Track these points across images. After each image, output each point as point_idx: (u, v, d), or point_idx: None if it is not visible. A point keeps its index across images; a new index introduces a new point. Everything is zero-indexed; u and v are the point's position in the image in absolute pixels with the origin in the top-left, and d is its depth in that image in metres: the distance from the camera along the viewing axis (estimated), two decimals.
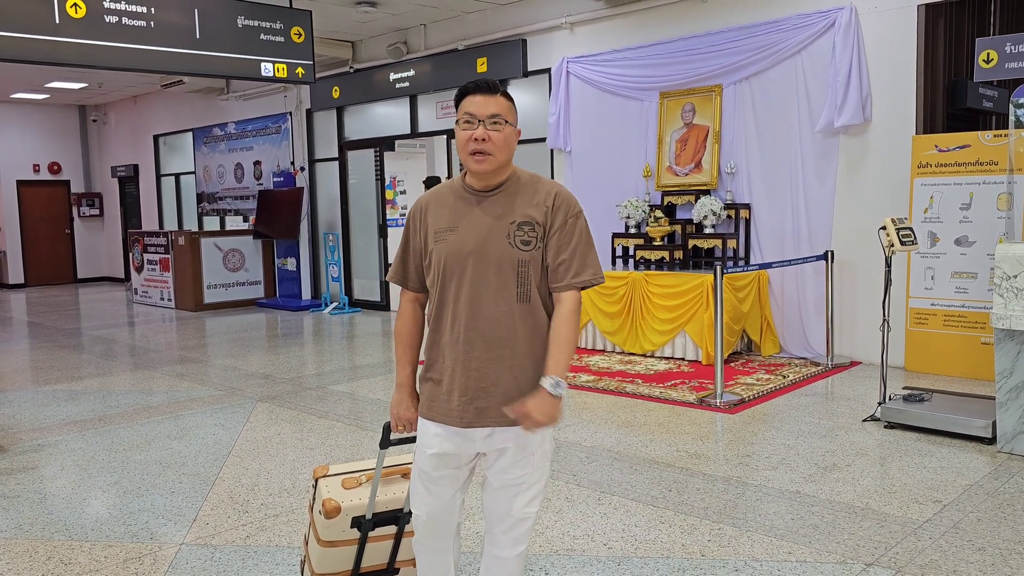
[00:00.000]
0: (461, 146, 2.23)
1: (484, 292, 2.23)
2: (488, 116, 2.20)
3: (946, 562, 3.28)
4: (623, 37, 8.43)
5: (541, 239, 2.25)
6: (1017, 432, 4.51)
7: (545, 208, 2.26)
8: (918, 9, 6.58)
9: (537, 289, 2.26)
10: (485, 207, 2.27)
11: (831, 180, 7.08)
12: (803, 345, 7.32)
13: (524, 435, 2.25)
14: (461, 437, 2.29)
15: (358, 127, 11.79)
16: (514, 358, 2.24)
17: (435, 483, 2.35)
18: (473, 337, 2.24)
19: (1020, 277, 4.39)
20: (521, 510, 2.33)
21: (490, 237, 2.23)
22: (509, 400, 2.23)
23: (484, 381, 2.25)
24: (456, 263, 2.24)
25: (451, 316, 2.27)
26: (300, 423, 5.62)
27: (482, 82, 2.25)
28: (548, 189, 2.30)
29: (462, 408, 2.26)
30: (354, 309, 11.58)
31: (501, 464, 2.31)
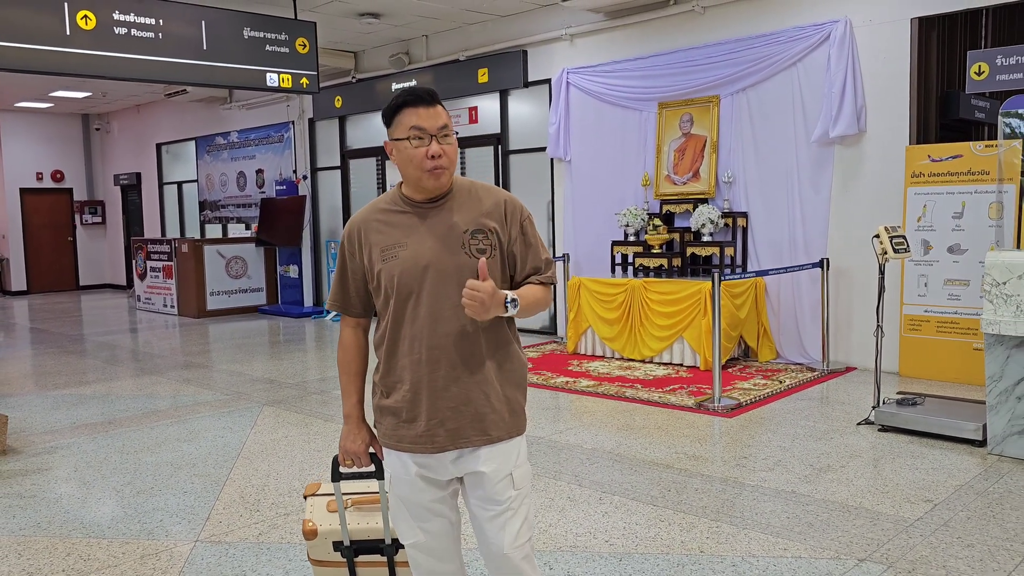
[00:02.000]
0: (415, 163, 2.10)
1: (445, 306, 2.11)
2: (438, 129, 2.10)
3: (936, 558, 3.40)
4: (622, 49, 8.58)
5: (496, 247, 2.17)
6: (1007, 434, 4.64)
7: (499, 216, 2.18)
8: (911, 22, 6.73)
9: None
10: (431, 219, 2.16)
11: (826, 189, 7.22)
12: (799, 351, 7.45)
13: (496, 455, 2.16)
14: (431, 461, 2.16)
15: (360, 136, 11.93)
16: (484, 373, 2.14)
17: (422, 507, 2.21)
18: (437, 355, 2.12)
19: (1009, 284, 4.52)
20: (512, 544, 2.17)
21: (445, 249, 2.13)
22: (482, 418, 2.14)
23: (453, 401, 2.13)
24: (411, 279, 2.12)
25: (409, 336, 2.13)
26: (306, 426, 5.74)
27: (423, 92, 2.12)
28: (495, 197, 2.21)
29: (431, 432, 2.13)
30: None
31: (484, 491, 2.17)
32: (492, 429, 2.16)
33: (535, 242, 2.25)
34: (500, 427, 2.17)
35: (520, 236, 2.21)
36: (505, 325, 2.20)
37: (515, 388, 2.22)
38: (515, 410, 2.22)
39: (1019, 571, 3.26)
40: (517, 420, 2.22)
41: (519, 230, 2.21)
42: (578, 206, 9.02)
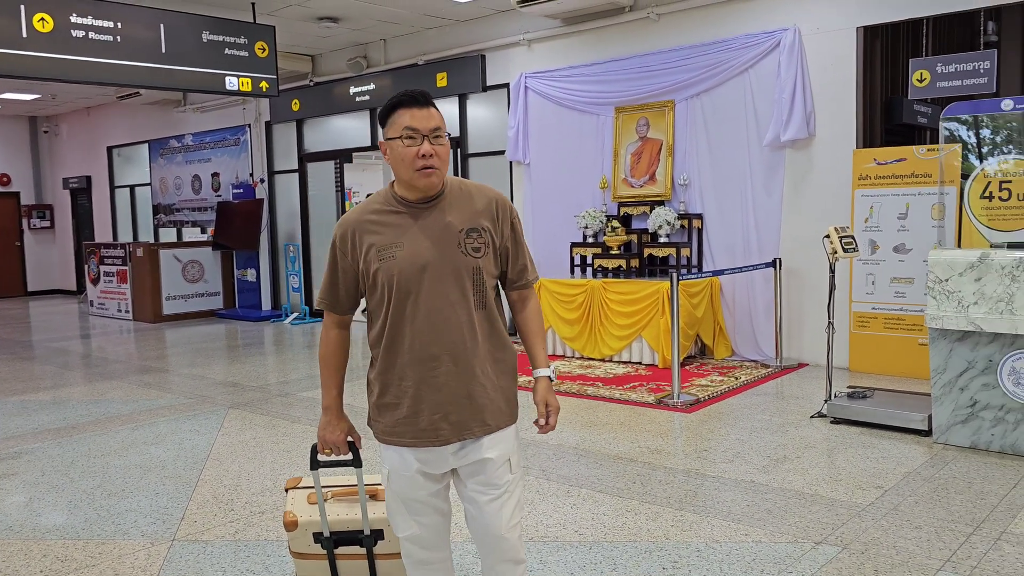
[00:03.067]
0: (406, 162, 2.15)
1: (443, 304, 2.18)
2: (431, 130, 2.15)
3: (887, 539, 3.60)
4: (579, 54, 8.76)
5: (489, 244, 2.24)
6: (951, 424, 4.89)
7: (492, 215, 2.27)
8: (857, 31, 7.01)
9: (491, 291, 2.28)
10: (426, 219, 2.21)
11: (778, 191, 7.47)
12: (754, 348, 7.69)
13: (498, 441, 2.27)
14: (433, 455, 2.24)
15: (318, 139, 11.93)
16: (481, 366, 2.23)
17: (419, 501, 2.29)
18: (438, 352, 2.18)
19: (951, 280, 4.77)
20: (509, 523, 2.28)
21: (442, 248, 2.19)
22: (482, 409, 2.24)
23: (455, 395, 2.20)
24: (410, 279, 2.17)
25: (410, 334, 2.19)
26: (274, 428, 5.78)
27: (417, 94, 2.18)
28: (487, 195, 2.30)
29: (433, 426, 2.21)
30: (315, 319, 11.68)
31: (484, 477, 2.26)
32: (491, 419, 2.27)
33: (522, 240, 2.38)
34: (499, 416, 2.29)
35: (512, 234, 2.32)
36: (497, 316, 2.31)
37: (509, 378, 2.35)
38: (509, 399, 2.34)
39: (963, 550, 3.47)
40: (511, 408, 2.35)
41: (510, 228, 2.31)
42: (537, 208, 9.17)
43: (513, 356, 2.38)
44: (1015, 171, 6.18)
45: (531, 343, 2.40)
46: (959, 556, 3.41)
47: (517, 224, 2.35)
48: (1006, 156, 6.22)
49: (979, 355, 4.74)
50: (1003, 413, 4.71)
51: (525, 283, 2.39)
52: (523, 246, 2.37)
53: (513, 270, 2.35)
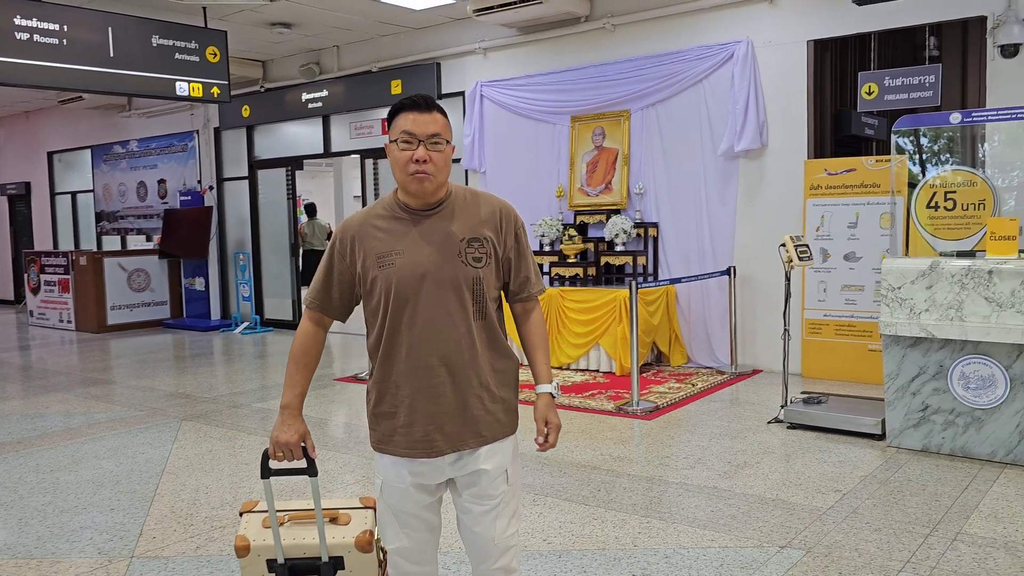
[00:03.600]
0: (400, 166, 2.14)
1: (441, 314, 2.16)
2: (428, 136, 2.13)
3: (848, 542, 3.67)
4: (536, 63, 8.80)
5: (491, 255, 2.22)
6: (904, 427, 5.02)
7: (495, 225, 2.24)
8: (807, 44, 7.18)
9: (492, 303, 2.25)
10: (428, 226, 2.19)
11: (732, 200, 7.60)
12: (709, 355, 7.79)
13: (495, 453, 2.24)
14: (428, 467, 2.22)
15: (269, 146, 11.77)
16: (479, 377, 2.21)
17: (411, 514, 2.26)
18: (435, 362, 2.16)
19: (903, 288, 4.90)
20: (503, 534, 2.26)
21: (442, 257, 2.16)
22: (476, 421, 2.21)
23: (450, 406, 2.18)
24: (408, 286, 2.15)
25: (407, 343, 2.17)
26: (231, 440, 5.66)
27: (419, 99, 2.16)
28: (492, 205, 2.27)
29: (428, 437, 2.19)
30: (266, 328, 11.51)
31: (480, 488, 2.24)
32: (487, 431, 2.23)
33: (527, 251, 2.33)
34: (495, 428, 2.25)
35: (515, 244, 2.29)
36: (497, 326, 2.27)
37: (508, 388, 2.30)
38: (509, 409, 2.30)
39: (922, 551, 3.56)
40: (511, 419, 2.31)
41: (514, 239, 2.28)
42: None
43: (515, 367, 2.34)
44: (959, 182, 6.38)
45: (533, 357, 2.35)
46: (918, 557, 3.50)
47: (522, 235, 2.31)
48: (951, 167, 6.42)
49: (930, 361, 4.88)
50: (953, 417, 4.85)
51: (528, 295, 2.34)
52: (527, 258, 2.32)
53: (515, 282, 2.32)
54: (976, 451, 4.80)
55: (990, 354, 4.69)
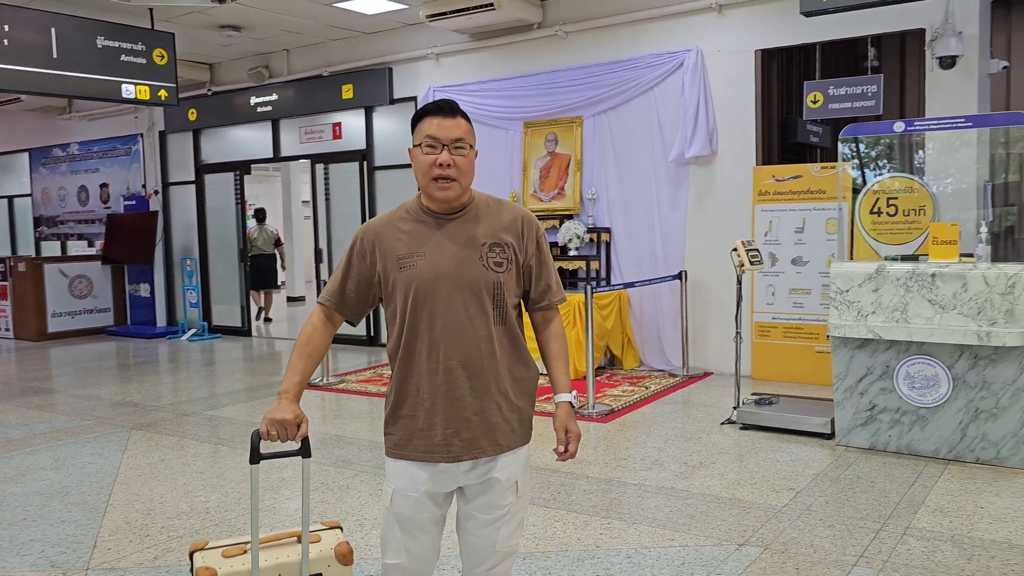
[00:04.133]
0: (423, 170, 2.15)
1: (462, 317, 2.16)
2: (452, 140, 2.13)
3: (804, 538, 3.77)
4: (488, 69, 8.83)
5: (512, 261, 2.22)
6: (852, 426, 5.16)
7: (516, 232, 2.24)
8: (755, 53, 7.35)
9: (513, 309, 2.24)
10: (450, 230, 2.19)
11: (683, 206, 7.73)
12: (661, 358, 7.90)
13: (509, 464, 2.24)
14: (444, 474, 2.20)
15: (216, 150, 11.58)
16: (497, 383, 2.20)
17: (418, 527, 2.24)
18: (454, 365, 2.16)
19: (851, 291, 5.05)
20: (505, 543, 2.26)
21: (463, 260, 2.17)
22: (493, 428, 2.20)
23: (468, 411, 2.17)
24: (429, 288, 2.15)
25: (427, 345, 2.16)
26: (183, 448, 5.56)
27: (443, 103, 2.18)
28: (514, 212, 2.28)
29: (447, 441, 2.17)
30: (214, 335, 11.31)
31: (488, 497, 2.23)
32: (503, 439, 2.22)
33: (548, 259, 2.33)
34: (510, 437, 2.24)
35: (536, 252, 2.28)
36: (519, 334, 2.26)
37: (526, 398, 2.29)
38: (524, 420, 2.28)
39: (874, 545, 3.67)
40: (525, 430, 2.29)
41: (535, 247, 2.28)
42: None
43: (535, 377, 2.32)
44: (901, 188, 6.60)
45: (552, 367, 2.33)
46: (870, 551, 3.61)
47: (543, 243, 2.31)
48: (893, 174, 6.63)
49: (877, 361, 5.03)
50: (899, 415, 5.00)
51: (548, 304, 2.33)
52: (548, 266, 2.32)
53: (536, 290, 2.31)
54: (921, 448, 4.96)
55: (934, 354, 4.86)
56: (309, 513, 2.39)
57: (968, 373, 4.78)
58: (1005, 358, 4.67)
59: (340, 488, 4.66)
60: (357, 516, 4.21)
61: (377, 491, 4.58)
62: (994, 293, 4.64)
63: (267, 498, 4.49)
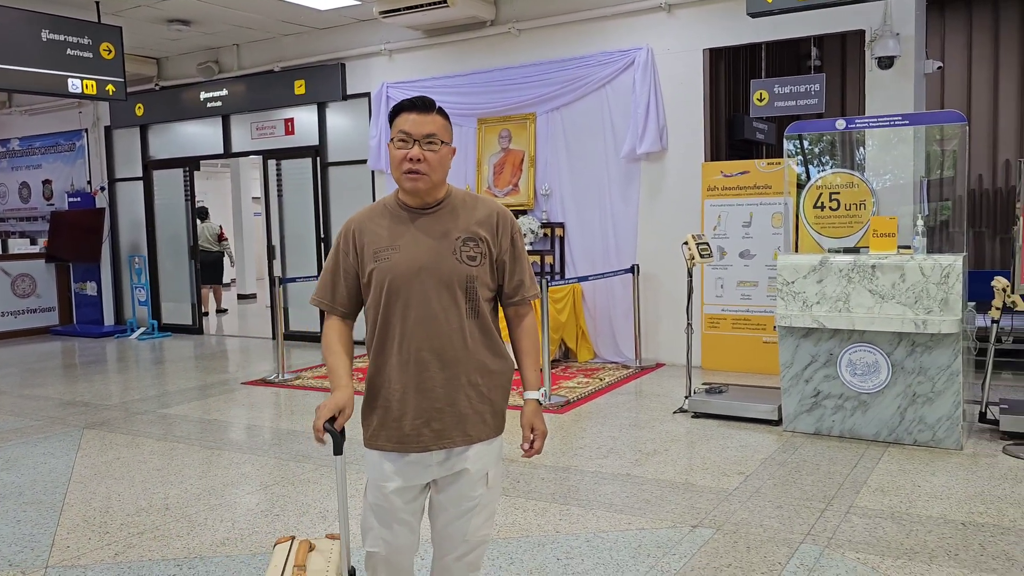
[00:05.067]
0: (395, 164, 2.21)
1: (435, 309, 2.20)
2: (424, 136, 2.18)
3: (754, 519, 3.93)
4: (442, 66, 8.88)
5: (486, 255, 2.26)
6: (798, 413, 5.36)
7: (491, 227, 2.28)
8: (703, 52, 7.53)
9: (486, 303, 2.28)
10: (424, 224, 2.25)
11: (635, 201, 7.89)
12: (614, 350, 8.06)
13: (480, 455, 2.27)
14: (417, 465, 2.24)
15: (165, 146, 11.42)
16: (468, 375, 2.24)
17: (393, 518, 2.28)
18: (427, 357, 2.20)
19: (797, 283, 5.24)
20: (475, 532, 2.31)
21: (437, 254, 2.21)
22: (464, 419, 2.24)
23: (439, 401, 2.21)
24: (402, 281, 2.20)
25: (399, 336, 2.21)
26: (138, 447, 5.52)
27: (418, 100, 2.22)
28: (489, 207, 2.32)
29: (416, 431, 2.21)
30: (164, 334, 11.16)
31: (458, 488, 2.28)
32: (472, 430, 2.26)
33: (523, 255, 2.37)
34: (481, 428, 2.28)
35: (510, 248, 2.33)
36: (492, 328, 2.30)
37: (499, 391, 2.32)
38: (496, 412, 2.32)
39: (820, 524, 3.84)
40: (497, 422, 2.33)
41: (510, 242, 2.32)
42: None
43: (510, 370, 2.35)
44: (842, 184, 6.83)
45: (523, 364, 2.37)
46: (817, 529, 3.78)
47: (518, 239, 2.35)
48: (835, 170, 6.87)
49: (821, 349, 5.24)
50: (842, 401, 5.21)
51: (521, 299, 2.36)
52: (522, 262, 2.36)
53: (510, 284, 2.34)
54: (862, 432, 5.18)
55: (874, 342, 5.07)
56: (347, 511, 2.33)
57: (906, 359, 5.00)
58: (940, 344, 4.90)
59: (302, 483, 4.69)
60: (319, 508, 4.25)
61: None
62: (930, 283, 4.86)
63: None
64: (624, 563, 3.48)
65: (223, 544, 3.80)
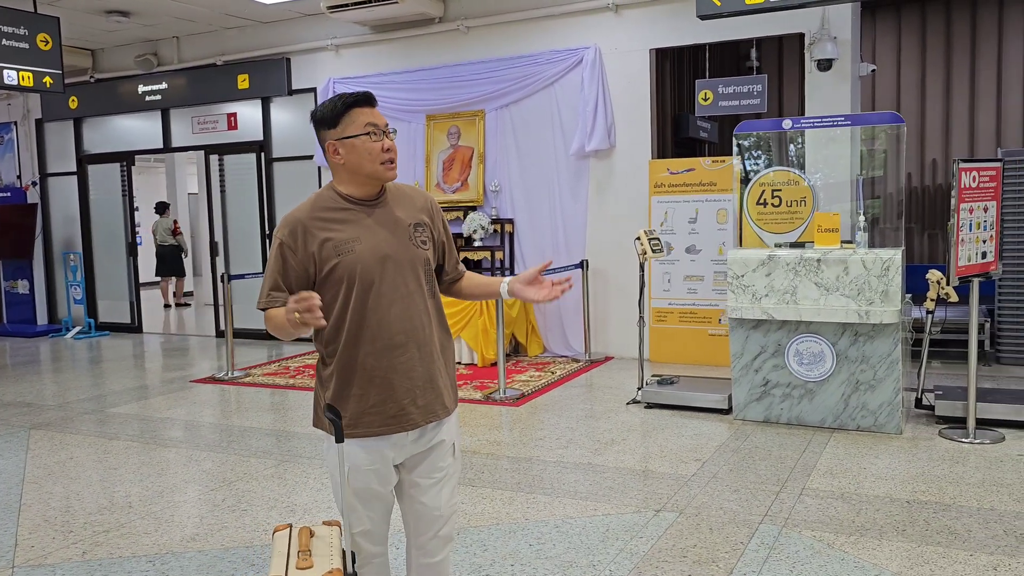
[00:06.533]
0: (373, 156, 2.23)
1: (404, 293, 2.28)
2: (385, 125, 2.27)
3: (713, 502, 4.09)
4: (389, 62, 8.89)
5: (431, 240, 2.40)
6: (748, 401, 5.57)
7: (430, 213, 2.42)
8: (650, 52, 7.71)
9: (436, 284, 2.42)
10: (377, 215, 2.30)
11: (584, 198, 8.04)
12: (564, 344, 8.20)
13: (450, 426, 2.40)
14: (396, 447, 2.30)
15: (100, 140, 11.12)
16: (436, 351, 2.35)
17: (375, 496, 2.34)
18: (403, 340, 2.27)
19: (746, 276, 5.44)
20: (448, 503, 2.41)
21: (397, 241, 2.29)
22: (441, 393, 2.35)
23: (421, 379, 2.31)
24: (372, 270, 2.25)
25: (375, 324, 2.25)
26: (92, 446, 5.42)
27: (362, 94, 2.27)
28: (423, 196, 2.47)
29: (404, 411, 2.28)
30: (101, 333, 10.89)
31: (430, 461, 2.36)
32: (448, 402, 2.39)
33: (452, 238, 2.54)
34: (452, 400, 2.41)
35: (444, 231, 2.48)
36: (443, 308, 2.44)
37: (452, 366, 2.47)
38: (455, 385, 2.46)
39: (776, 505, 4.03)
40: (455, 394, 2.46)
41: (442, 226, 2.48)
42: None
43: (454, 345, 2.49)
44: (784, 181, 7.10)
45: (480, 279, 2.57)
46: (773, 511, 3.96)
47: (446, 223, 2.51)
48: (777, 168, 7.13)
49: (770, 340, 5.45)
50: (790, 390, 5.44)
51: (460, 273, 2.57)
52: (453, 242, 2.53)
53: (449, 263, 2.52)
54: (809, 419, 5.41)
55: (820, 333, 5.31)
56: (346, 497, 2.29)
57: (850, 349, 5.25)
58: (881, 334, 5.16)
59: (265, 478, 4.69)
60: (287, 503, 4.26)
61: (301, 476, 4.64)
62: (872, 276, 5.11)
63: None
64: (594, 547, 3.60)
65: (193, 540, 3.79)
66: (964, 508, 3.94)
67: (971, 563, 3.35)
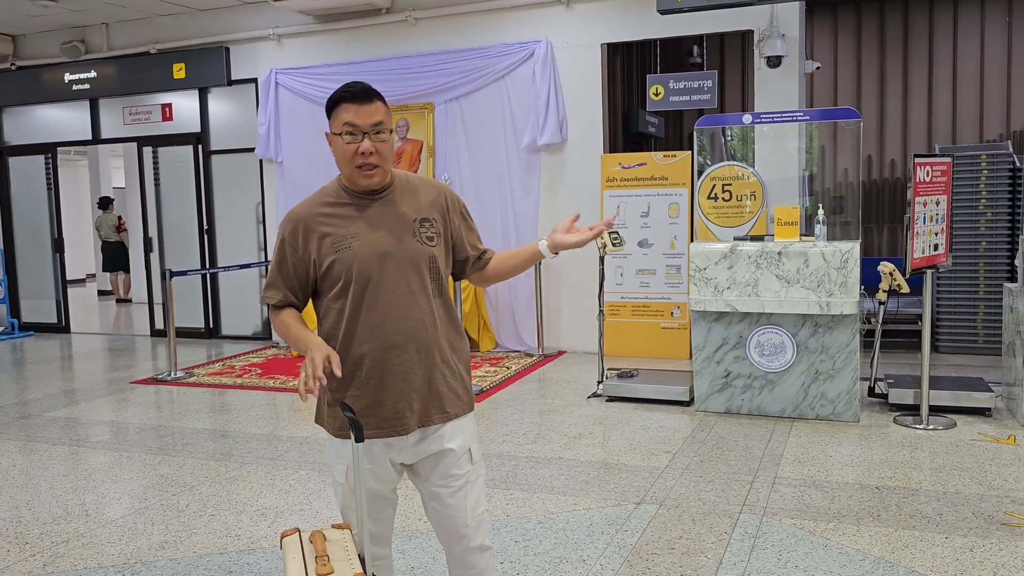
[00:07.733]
0: (346, 159, 2.16)
1: (403, 292, 2.19)
2: (371, 126, 2.14)
3: (692, 493, 4.12)
4: (334, 52, 8.69)
5: (440, 235, 2.27)
6: (709, 393, 5.63)
7: (441, 207, 2.30)
8: (601, 47, 7.73)
9: (446, 282, 2.30)
10: (379, 210, 2.22)
11: (535, 192, 8.02)
12: (516, 339, 8.16)
13: (458, 431, 2.28)
14: (393, 448, 2.23)
15: (23, 131, 10.58)
16: (441, 354, 2.25)
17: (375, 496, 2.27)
18: (401, 340, 2.18)
19: (708, 269, 5.50)
20: (474, 511, 2.30)
21: (398, 237, 2.20)
22: (441, 397, 2.25)
23: (417, 382, 2.21)
24: (370, 267, 2.17)
25: (370, 323, 2.18)
26: (34, 452, 5.14)
27: (360, 89, 2.16)
28: (436, 188, 2.34)
29: (399, 415, 2.20)
30: (26, 333, 10.37)
31: (443, 468, 2.27)
32: (450, 407, 2.27)
33: (474, 224, 2.43)
34: (457, 404, 2.29)
35: (462, 222, 2.37)
36: (453, 307, 2.33)
37: (465, 367, 2.35)
38: (467, 388, 2.34)
39: (752, 494, 4.07)
40: (470, 397, 2.34)
41: (460, 217, 2.36)
42: (293, 208, 8.92)
43: (467, 346, 2.39)
44: (734, 175, 7.21)
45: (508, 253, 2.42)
46: (751, 500, 4.00)
47: (466, 212, 2.40)
48: (728, 163, 7.23)
49: (732, 332, 5.52)
50: (751, 381, 5.52)
51: (487, 260, 2.41)
52: (475, 229, 2.41)
53: (475, 251, 2.39)
54: (770, 409, 5.51)
55: (781, 324, 5.40)
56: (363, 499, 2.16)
57: (810, 339, 5.36)
58: (840, 325, 5.28)
59: (228, 481, 4.52)
60: (256, 506, 4.11)
61: (267, 479, 4.49)
62: (831, 268, 5.22)
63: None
64: (581, 541, 3.57)
65: (162, 548, 3.62)
66: (931, 492, 4.06)
67: (948, 545, 3.44)
